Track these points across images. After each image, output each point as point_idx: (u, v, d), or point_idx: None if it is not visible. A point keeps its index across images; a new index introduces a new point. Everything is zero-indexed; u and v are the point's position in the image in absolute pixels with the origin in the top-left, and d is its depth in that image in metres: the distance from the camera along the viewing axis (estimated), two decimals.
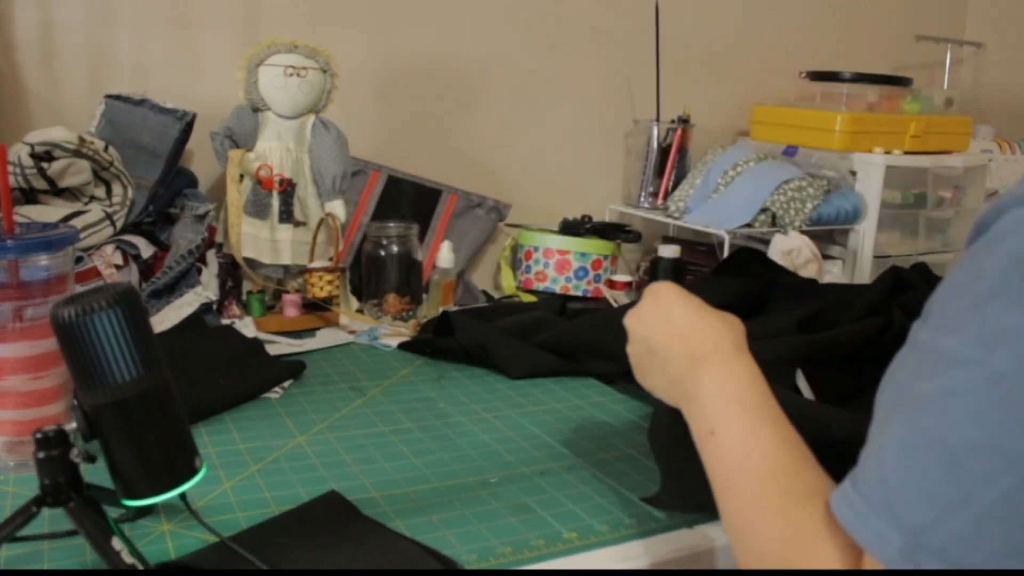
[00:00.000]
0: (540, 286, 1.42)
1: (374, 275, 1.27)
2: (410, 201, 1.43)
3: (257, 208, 1.19)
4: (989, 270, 0.42)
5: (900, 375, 0.47)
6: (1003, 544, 0.39)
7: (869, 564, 0.44)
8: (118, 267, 1.13)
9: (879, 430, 0.46)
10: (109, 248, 1.13)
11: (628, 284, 1.42)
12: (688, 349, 0.63)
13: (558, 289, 1.41)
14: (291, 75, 1.16)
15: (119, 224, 1.16)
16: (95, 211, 1.14)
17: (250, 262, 1.19)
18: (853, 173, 1.50)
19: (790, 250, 1.39)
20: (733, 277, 1.22)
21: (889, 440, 0.44)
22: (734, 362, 0.61)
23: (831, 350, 0.97)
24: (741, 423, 0.57)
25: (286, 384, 0.98)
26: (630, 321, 0.69)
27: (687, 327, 0.64)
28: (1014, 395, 0.39)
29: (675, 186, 1.57)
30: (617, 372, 1.04)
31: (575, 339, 1.09)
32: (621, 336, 1.13)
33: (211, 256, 1.21)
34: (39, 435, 0.57)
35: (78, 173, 1.12)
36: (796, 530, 0.49)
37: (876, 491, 0.44)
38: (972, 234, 0.46)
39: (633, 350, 0.69)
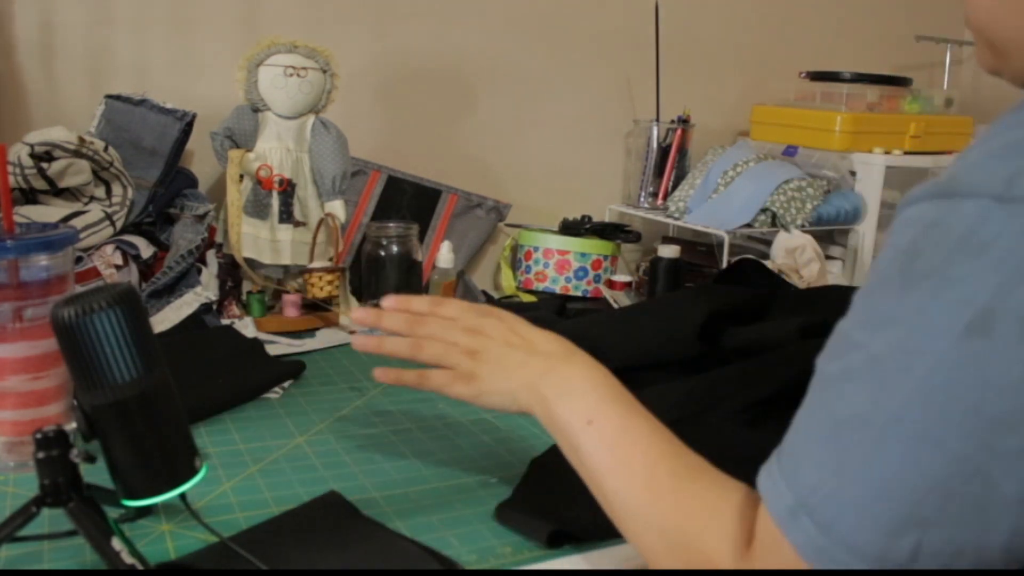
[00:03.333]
0: (540, 286, 1.42)
1: (374, 275, 1.26)
2: (410, 201, 1.43)
3: (257, 208, 1.19)
4: (880, 262, 0.47)
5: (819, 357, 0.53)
6: (862, 497, 0.44)
7: (762, 529, 0.49)
8: (118, 267, 1.13)
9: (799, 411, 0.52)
10: (109, 248, 1.14)
11: (628, 284, 1.42)
12: (543, 351, 0.69)
13: (558, 289, 1.41)
14: (291, 75, 1.16)
15: (119, 224, 1.16)
16: (95, 211, 1.14)
17: (250, 262, 1.19)
18: (853, 173, 1.50)
19: (794, 248, 1.39)
20: (734, 285, 1.22)
21: (799, 415, 0.50)
22: (590, 361, 0.67)
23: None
24: (618, 412, 0.62)
25: (286, 384, 0.98)
26: (467, 337, 0.71)
27: (536, 337, 0.70)
28: (887, 375, 0.44)
29: (675, 186, 1.57)
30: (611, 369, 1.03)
31: (571, 339, 1.08)
32: (619, 337, 1.12)
33: (211, 256, 1.21)
34: (39, 435, 0.57)
35: (78, 173, 1.12)
36: (691, 505, 0.55)
37: (785, 456, 0.49)
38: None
39: (469, 360, 0.70)
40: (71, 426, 0.58)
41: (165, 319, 1.11)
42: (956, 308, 0.41)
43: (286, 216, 1.20)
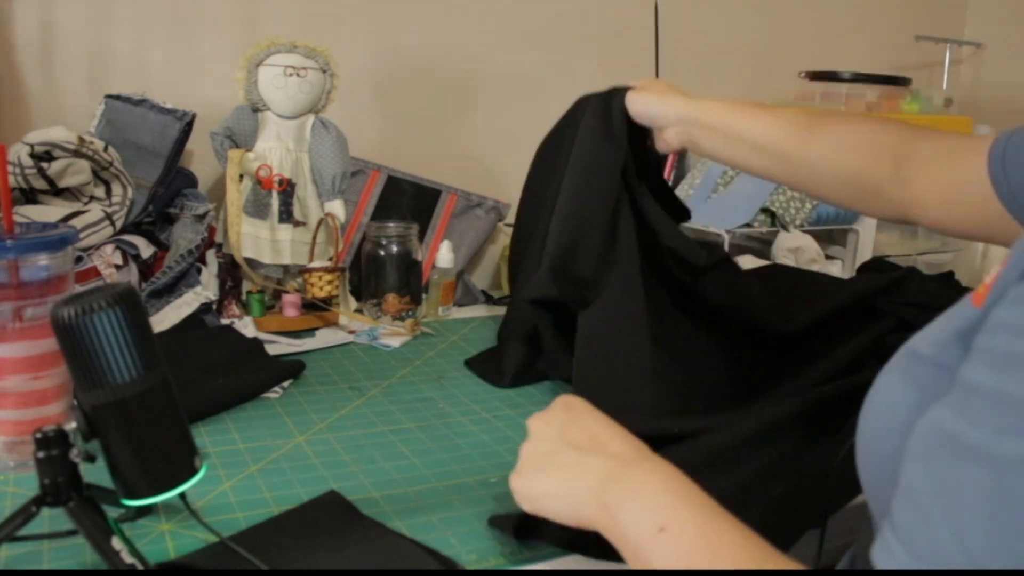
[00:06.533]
0: None
1: (374, 275, 1.27)
2: (410, 201, 1.43)
3: (257, 208, 1.19)
4: None
5: (947, 417, 0.42)
6: None
7: None
8: (118, 267, 1.13)
9: (938, 484, 0.41)
10: (109, 248, 1.14)
11: None
12: (609, 452, 0.58)
13: None
14: (291, 75, 1.16)
15: (119, 224, 1.16)
16: (95, 211, 1.14)
17: (250, 262, 1.19)
18: None
19: (796, 248, 1.39)
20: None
21: (969, 507, 0.39)
22: (665, 464, 0.56)
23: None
24: (697, 519, 0.51)
25: (286, 384, 0.98)
26: (535, 422, 0.63)
27: (602, 434, 0.60)
28: None
29: (675, 186, 1.57)
30: None
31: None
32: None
33: (211, 256, 1.21)
34: (39, 435, 0.57)
35: (78, 173, 1.12)
36: None
37: (960, 566, 0.38)
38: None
39: (531, 450, 0.62)
40: (71, 426, 0.58)
41: (165, 319, 1.11)
42: None
43: (286, 216, 1.20)
